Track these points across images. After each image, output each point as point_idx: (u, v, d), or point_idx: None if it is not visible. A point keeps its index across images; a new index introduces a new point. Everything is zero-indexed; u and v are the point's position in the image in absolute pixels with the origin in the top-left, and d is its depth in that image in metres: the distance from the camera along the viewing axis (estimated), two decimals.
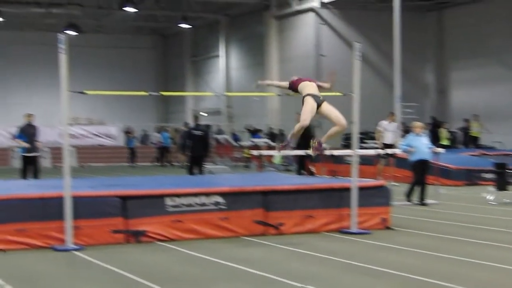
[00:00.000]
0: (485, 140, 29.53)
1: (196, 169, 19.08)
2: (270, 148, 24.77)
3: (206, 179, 15.53)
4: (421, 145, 15.72)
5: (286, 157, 26.12)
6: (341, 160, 20.14)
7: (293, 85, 10.68)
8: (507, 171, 16.21)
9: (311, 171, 20.43)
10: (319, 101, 10.37)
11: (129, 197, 10.44)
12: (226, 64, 42.37)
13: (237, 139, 34.86)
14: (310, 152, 10.91)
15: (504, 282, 8.05)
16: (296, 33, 35.57)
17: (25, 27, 43.60)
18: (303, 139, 19.83)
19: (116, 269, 8.52)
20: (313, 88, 10.51)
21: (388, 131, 21.14)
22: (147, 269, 8.66)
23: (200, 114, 39.96)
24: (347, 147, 27.28)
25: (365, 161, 18.50)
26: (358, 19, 33.95)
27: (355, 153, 11.60)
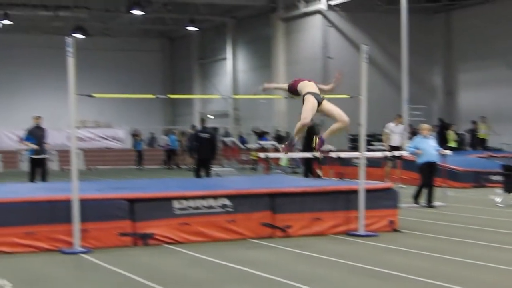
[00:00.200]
0: (493, 142, 29.45)
1: (203, 171, 19.09)
2: (277, 150, 24.75)
3: (213, 181, 15.54)
4: (428, 147, 15.70)
5: (293, 159, 26.16)
6: (349, 162, 20.12)
7: (292, 86, 10.60)
8: None
9: (318, 174, 20.41)
10: (320, 99, 10.32)
11: (137, 200, 10.45)
12: (233, 66, 42.40)
13: (244, 141, 34.86)
14: (315, 151, 10.86)
15: (510, 284, 8.03)
16: (303, 35, 35.58)
17: (32, 30, 43.73)
18: (310, 141, 19.89)
19: (123, 272, 8.53)
20: (313, 87, 10.46)
21: (395, 133, 21.11)
22: (155, 271, 8.67)
23: (207, 116, 40.02)
24: (354, 149, 27.27)
25: (372, 163, 18.46)
26: (365, 21, 33.94)
27: (363, 155, 11.58)
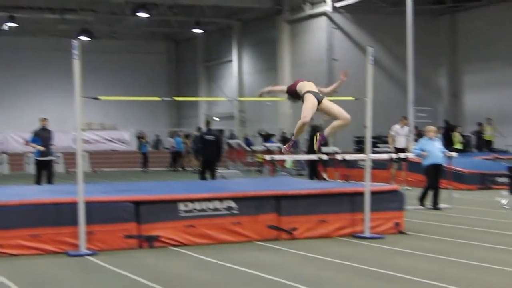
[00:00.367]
0: (499, 143, 29.40)
1: (208, 173, 19.11)
2: (282, 152, 24.77)
3: (218, 184, 15.54)
4: (434, 149, 15.67)
5: (298, 161, 26.15)
6: (354, 164, 20.10)
7: (291, 88, 10.59)
8: None
9: (323, 177, 20.41)
10: (319, 97, 10.30)
11: (142, 202, 10.46)
12: (238, 69, 42.41)
13: (249, 143, 34.87)
14: (319, 153, 10.82)
15: None
16: (308, 37, 35.57)
17: (38, 33, 43.82)
18: (312, 144, 19.91)
19: (129, 274, 8.54)
20: (312, 86, 10.45)
21: (400, 135, 21.09)
22: (160, 274, 8.68)
23: (212, 119, 40.02)
24: (360, 151, 27.25)
25: (378, 165, 18.47)
26: (370, 23, 33.92)
27: (368, 157, 11.57)
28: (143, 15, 38.19)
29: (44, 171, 17.79)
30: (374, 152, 18.47)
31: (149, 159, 34.29)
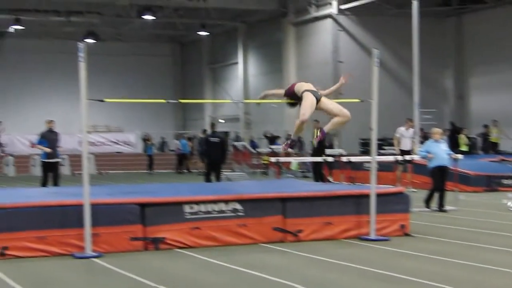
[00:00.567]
0: (505, 145, 29.33)
1: (213, 176, 19.13)
2: (288, 155, 24.76)
3: (224, 186, 15.55)
4: (440, 151, 15.65)
5: (303, 163, 26.14)
6: (360, 166, 20.09)
7: (289, 90, 10.64)
8: None
9: (328, 180, 20.39)
10: (318, 96, 10.33)
11: (148, 204, 10.46)
12: (244, 71, 42.42)
13: (255, 146, 34.88)
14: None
15: None
16: (314, 39, 35.57)
17: (44, 35, 43.93)
18: (319, 146, 19.91)
19: (134, 276, 8.54)
20: (310, 86, 10.50)
21: (405, 137, 21.07)
22: (166, 276, 8.68)
23: (217, 121, 40.05)
24: (366, 153, 27.24)
25: (383, 167, 18.45)
26: (376, 25, 33.91)
27: (374, 159, 11.56)
28: (148, 17, 38.24)
29: (50, 173, 17.78)
30: (379, 154, 18.45)
31: (154, 161, 34.32)
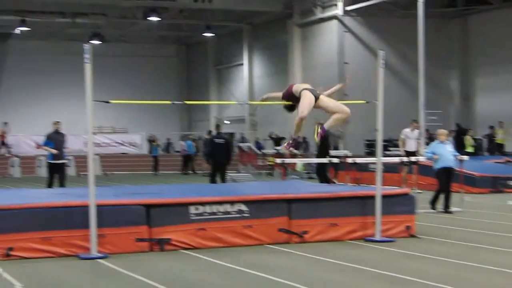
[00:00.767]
0: (510, 147, 29.29)
1: (218, 177, 19.14)
2: (293, 156, 24.77)
3: (229, 187, 15.55)
4: (445, 153, 15.63)
5: (308, 164, 26.12)
6: (365, 167, 20.07)
7: (287, 91, 10.68)
8: None
9: (333, 181, 20.36)
10: (316, 94, 10.39)
11: (153, 205, 10.47)
12: (249, 72, 42.43)
13: (260, 147, 34.88)
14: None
15: None
16: (319, 41, 35.56)
17: (49, 36, 44.01)
18: (324, 148, 19.92)
19: (140, 277, 8.55)
20: (308, 86, 10.55)
21: (410, 139, 21.04)
22: (171, 277, 8.69)
23: (222, 122, 40.05)
24: (371, 154, 27.22)
25: (389, 168, 18.42)
26: (381, 27, 33.88)
27: (379, 160, 11.55)
28: (154, 19, 38.27)
29: (56, 174, 17.79)
30: (385, 155, 18.44)
31: (159, 162, 34.35)
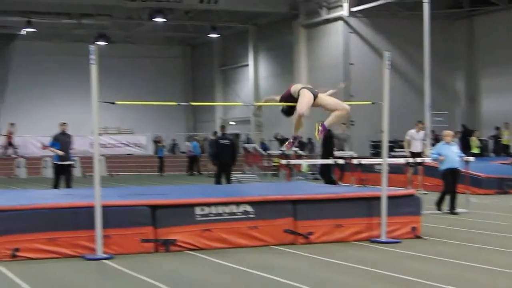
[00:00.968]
0: None
1: (223, 178, 19.14)
2: (299, 157, 24.75)
3: (235, 188, 15.55)
4: (451, 154, 15.61)
5: (314, 165, 26.11)
6: (371, 168, 20.05)
7: (286, 93, 10.69)
8: None
9: (336, 181, 20.33)
10: (315, 92, 10.44)
11: (159, 206, 10.48)
12: (255, 73, 42.44)
13: (265, 148, 34.87)
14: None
15: None
16: (324, 41, 35.55)
17: (55, 37, 44.09)
18: (328, 149, 19.92)
19: (145, 278, 8.55)
20: (306, 85, 10.62)
21: (415, 140, 21.02)
22: (177, 278, 8.69)
23: (228, 123, 40.05)
24: (377, 155, 27.19)
25: (394, 169, 18.39)
26: (387, 28, 33.87)
27: (385, 161, 11.54)
28: (159, 19, 38.31)
29: (62, 175, 17.78)
30: (390, 156, 18.41)
31: (165, 163, 34.38)
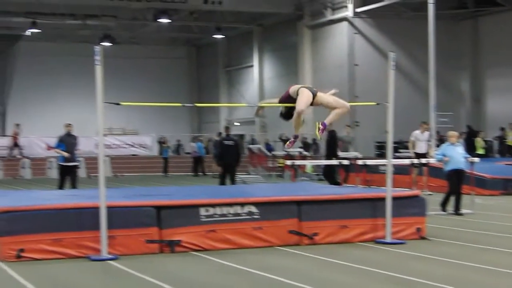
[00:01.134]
0: None
1: (228, 178, 19.15)
2: (303, 158, 24.73)
3: (239, 189, 15.55)
4: (456, 155, 15.58)
5: (318, 166, 26.09)
6: (375, 169, 20.03)
7: (285, 94, 10.73)
8: None
9: (339, 182, 20.32)
10: (314, 91, 10.46)
11: (164, 207, 10.48)
12: (259, 74, 42.45)
13: (270, 148, 34.86)
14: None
15: None
16: (329, 42, 35.55)
17: (60, 38, 44.16)
18: (332, 150, 19.90)
19: (150, 279, 8.56)
20: (305, 85, 10.67)
21: (420, 140, 20.98)
22: (182, 278, 8.70)
23: (232, 124, 40.05)
24: (381, 156, 27.16)
25: (399, 170, 18.37)
26: (391, 28, 33.85)
27: (390, 162, 11.53)
28: (164, 20, 38.36)
29: (68, 176, 17.78)
30: (395, 157, 18.39)
31: (169, 164, 34.40)
